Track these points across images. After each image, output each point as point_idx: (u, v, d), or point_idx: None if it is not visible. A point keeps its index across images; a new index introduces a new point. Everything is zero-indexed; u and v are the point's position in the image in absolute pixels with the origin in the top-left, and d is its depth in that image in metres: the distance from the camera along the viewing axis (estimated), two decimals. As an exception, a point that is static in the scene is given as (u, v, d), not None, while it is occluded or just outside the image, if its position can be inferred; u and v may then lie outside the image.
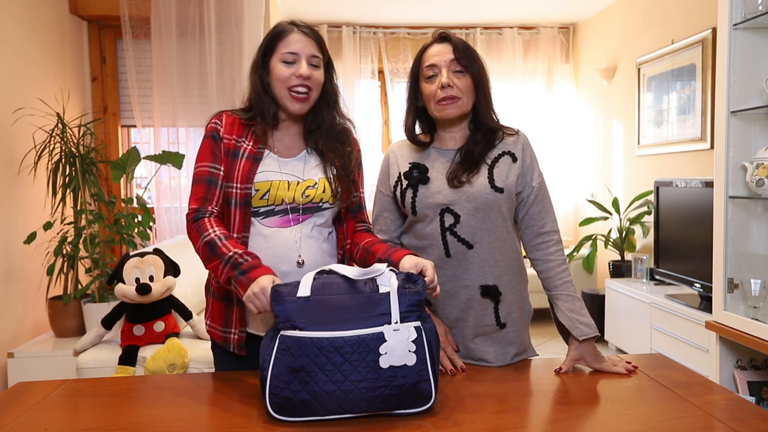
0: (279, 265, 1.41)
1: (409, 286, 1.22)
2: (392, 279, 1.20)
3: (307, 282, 1.21)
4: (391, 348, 1.14)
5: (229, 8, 3.72)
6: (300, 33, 1.45)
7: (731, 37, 2.27)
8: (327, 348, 1.13)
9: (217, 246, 1.36)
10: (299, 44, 1.44)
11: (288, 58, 1.43)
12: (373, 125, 5.41)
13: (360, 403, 1.14)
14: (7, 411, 1.24)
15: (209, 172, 1.45)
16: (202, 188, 1.44)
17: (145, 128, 3.90)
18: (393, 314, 1.17)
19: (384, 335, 1.15)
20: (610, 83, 4.81)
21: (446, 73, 1.46)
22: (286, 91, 1.44)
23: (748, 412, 1.19)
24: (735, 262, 2.33)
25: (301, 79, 1.42)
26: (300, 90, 1.43)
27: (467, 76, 1.48)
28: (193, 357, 2.43)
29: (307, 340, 1.14)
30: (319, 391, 1.13)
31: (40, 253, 3.11)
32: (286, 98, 1.44)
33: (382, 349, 1.14)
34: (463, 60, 1.47)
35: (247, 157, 1.45)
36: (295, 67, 1.43)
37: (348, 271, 1.23)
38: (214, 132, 1.47)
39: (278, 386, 1.14)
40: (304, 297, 1.18)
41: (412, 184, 1.51)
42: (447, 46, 1.49)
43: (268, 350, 1.18)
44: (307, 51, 1.44)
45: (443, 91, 1.46)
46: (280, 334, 1.17)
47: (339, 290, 1.20)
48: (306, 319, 1.16)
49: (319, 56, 1.46)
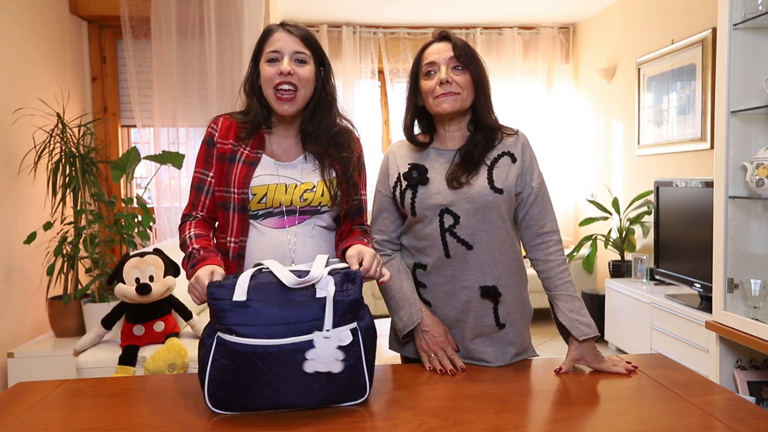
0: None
1: (347, 285, 1.21)
2: (329, 284, 1.20)
3: (243, 284, 1.20)
4: (318, 355, 1.16)
5: (229, 8, 3.72)
6: (283, 31, 1.44)
7: (731, 37, 2.27)
8: (262, 354, 1.15)
9: (186, 245, 1.43)
10: (281, 42, 1.43)
11: (271, 56, 1.43)
12: (373, 125, 5.41)
13: (297, 401, 1.18)
14: (7, 411, 1.24)
15: (199, 178, 1.50)
16: (193, 194, 1.51)
17: (145, 128, 3.90)
18: (326, 322, 1.17)
19: (313, 342, 1.16)
20: (610, 83, 4.81)
21: (445, 69, 1.47)
22: (272, 91, 1.43)
23: (748, 412, 1.19)
24: (735, 262, 2.33)
25: (283, 76, 1.41)
26: (284, 88, 1.42)
27: (466, 74, 1.48)
28: (193, 357, 2.43)
29: (243, 346, 1.15)
30: (256, 394, 1.16)
31: (40, 253, 3.11)
32: (273, 100, 1.44)
33: (309, 355, 1.15)
34: (463, 58, 1.48)
35: (243, 161, 1.45)
36: (278, 65, 1.42)
37: (284, 276, 1.20)
38: (210, 138, 1.50)
39: (218, 385, 1.18)
40: (240, 302, 1.18)
41: (411, 185, 1.51)
42: (447, 44, 1.49)
43: (206, 348, 1.19)
44: (289, 47, 1.42)
45: (442, 87, 1.47)
46: (218, 335, 1.18)
47: (275, 294, 1.19)
48: (241, 324, 1.16)
49: (305, 52, 1.44)
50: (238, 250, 1.45)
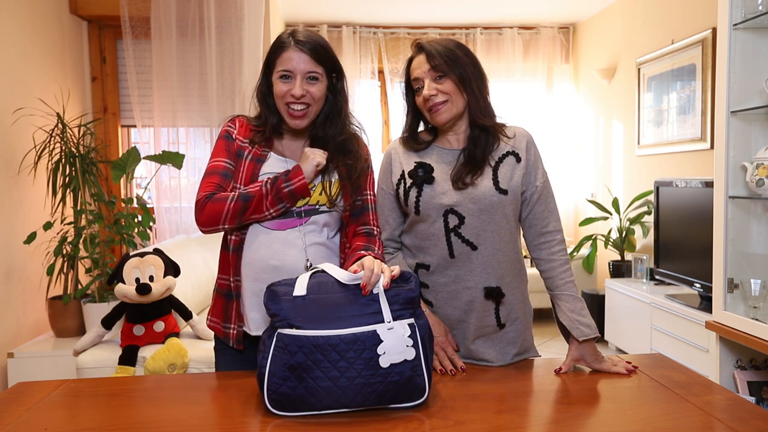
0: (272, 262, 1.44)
1: (402, 284, 1.25)
2: (381, 280, 1.24)
3: (302, 281, 1.24)
4: (389, 347, 1.17)
5: (229, 8, 3.72)
6: (296, 49, 1.43)
7: (731, 37, 2.27)
8: (323, 345, 1.16)
9: (246, 191, 1.41)
10: (293, 62, 1.43)
11: (283, 74, 1.45)
12: (373, 125, 5.41)
13: (356, 398, 1.17)
14: (7, 411, 1.24)
15: (224, 166, 1.49)
16: (218, 178, 1.47)
17: (145, 128, 3.90)
18: (384, 314, 1.20)
19: (379, 335, 1.18)
20: (610, 83, 4.81)
21: (428, 83, 1.46)
22: (284, 106, 1.46)
23: (748, 412, 1.19)
24: (735, 262, 2.33)
25: (295, 98, 1.44)
26: (296, 108, 1.45)
27: (448, 80, 1.46)
28: (193, 357, 2.43)
29: (304, 338, 1.17)
30: (315, 388, 1.16)
31: (40, 253, 3.11)
32: (285, 114, 1.47)
33: (380, 350, 1.17)
34: (441, 66, 1.45)
35: (251, 159, 1.48)
36: (290, 84, 1.44)
37: (339, 275, 1.26)
38: (228, 133, 1.53)
39: (276, 383, 1.17)
40: (300, 296, 1.21)
41: (416, 183, 1.50)
42: (423, 56, 1.48)
43: (266, 348, 1.20)
44: (301, 68, 1.43)
45: (428, 101, 1.47)
46: (278, 332, 1.19)
47: (333, 289, 1.24)
48: (302, 317, 1.19)
49: (316, 70, 1.45)
50: (238, 242, 1.47)
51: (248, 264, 1.46)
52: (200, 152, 3.88)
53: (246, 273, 1.47)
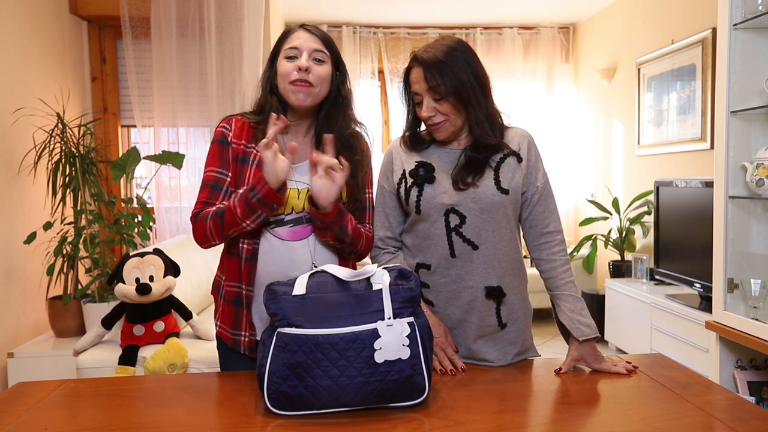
0: (291, 274, 1.41)
1: (402, 282, 1.25)
2: (384, 276, 1.24)
3: (302, 281, 1.25)
4: (386, 343, 1.18)
5: (229, 8, 3.72)
6: (304, 31, 1.45)
7: (731, 37, 2.27)
8: (323, 344, 1.16)
9: (220, 208, 1.39)
10: (301, 40, 1.43)
11: (290, 53, 1.43)
12: (373, 125, 5.41)
13: (356, 397, 1.17)
14: (7, 411, 1.24)
15: (215, 177, 1.46)
16: (207, 192, 1.45)
17: (145, 128, 3.90)
18: (386, 310, 1.20)
19: (378, 331, 1.18)
20: (610, 83, 4.81)
21: (426, 102, 1.45)
22: (289, 85, 1.42)
23: (748, 412, 1.19)
24: (735, 262, 2.33)
25: (301, 72, 1.40)
26: (301, 80, 1.41)
27: (446, 102, 1.43)
28: (193, 357, 2.43)
29: (304, 337, 1.17)
30: (315, 386, 1.16)
31: (40, 253, 3.11)
32: (289, 90, 1.43)
33: (377, 345, 1.17)
34: (438, 88, 1.42)
35: (258, 164, 1.43)
36: (296, 61, 1.42)
37: (340, 272, 1.26)
38: (222, 137, 1.47)
39: (276, 382, 1.17)
40: (299, 295, 1.21)
41: (417, 182, 1.49)
42: (420, 71, 1.44)
43: (266, 347, 1.20)
44: (309, 46, 1.43)
45: (428, 120, 1.47)
46: (277, 332, 1.19)
47: (333, 288, 1.24)
48: (302, 316, 1.19)
49: (324, 51, 1.44)
50: (251, 252, 1.43)
51: (266, 275, 1.42)
52: (200, 152, 3.88)
53: (262, 284, 1.42)
